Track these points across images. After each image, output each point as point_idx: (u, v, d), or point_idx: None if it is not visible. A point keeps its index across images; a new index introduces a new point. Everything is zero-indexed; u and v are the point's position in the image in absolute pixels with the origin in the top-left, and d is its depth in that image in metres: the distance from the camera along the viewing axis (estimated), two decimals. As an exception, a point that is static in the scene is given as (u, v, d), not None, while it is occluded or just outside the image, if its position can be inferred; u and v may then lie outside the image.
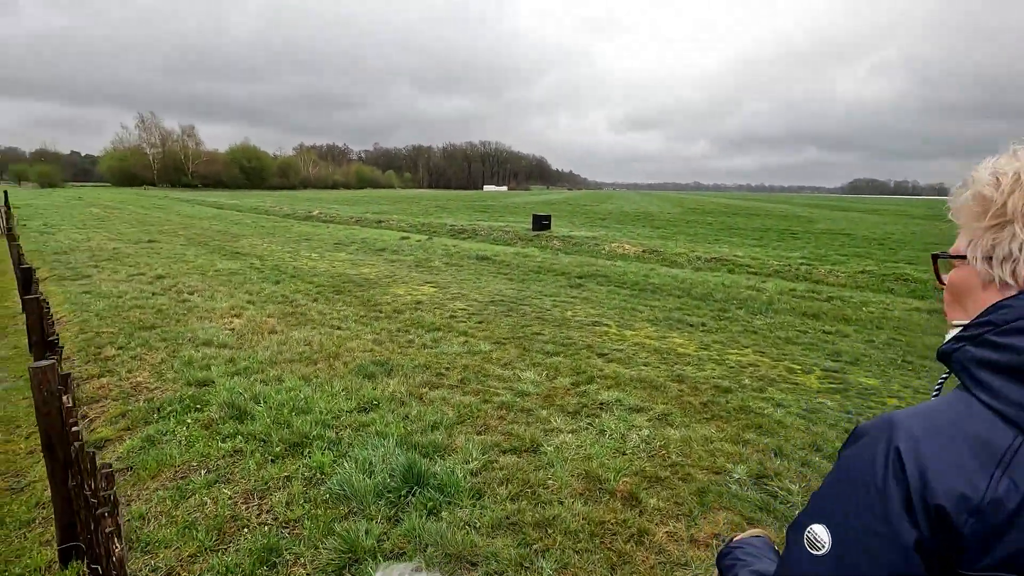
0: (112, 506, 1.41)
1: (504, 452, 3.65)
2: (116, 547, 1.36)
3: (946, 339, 0.77)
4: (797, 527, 0.74)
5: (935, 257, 0.84)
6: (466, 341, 6.18)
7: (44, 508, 3.05)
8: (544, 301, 8.48)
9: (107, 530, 1.31)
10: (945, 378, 0.81)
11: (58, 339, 3.08)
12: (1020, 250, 0.68)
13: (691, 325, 7.19)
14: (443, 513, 2.87)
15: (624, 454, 3.66)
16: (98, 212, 27.73)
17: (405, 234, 19.54)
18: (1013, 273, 0.69)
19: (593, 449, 3.68)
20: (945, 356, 0.76)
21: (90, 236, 16.40)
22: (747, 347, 6.26)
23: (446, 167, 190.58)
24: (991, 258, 0.71)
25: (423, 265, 12.04)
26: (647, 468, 3.47)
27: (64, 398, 2.08)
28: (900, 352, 6.30)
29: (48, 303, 4.28)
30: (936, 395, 0.79)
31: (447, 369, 5.25)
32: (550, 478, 3.32)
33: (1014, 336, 0.66)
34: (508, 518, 2.89)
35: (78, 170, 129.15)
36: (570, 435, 3.91)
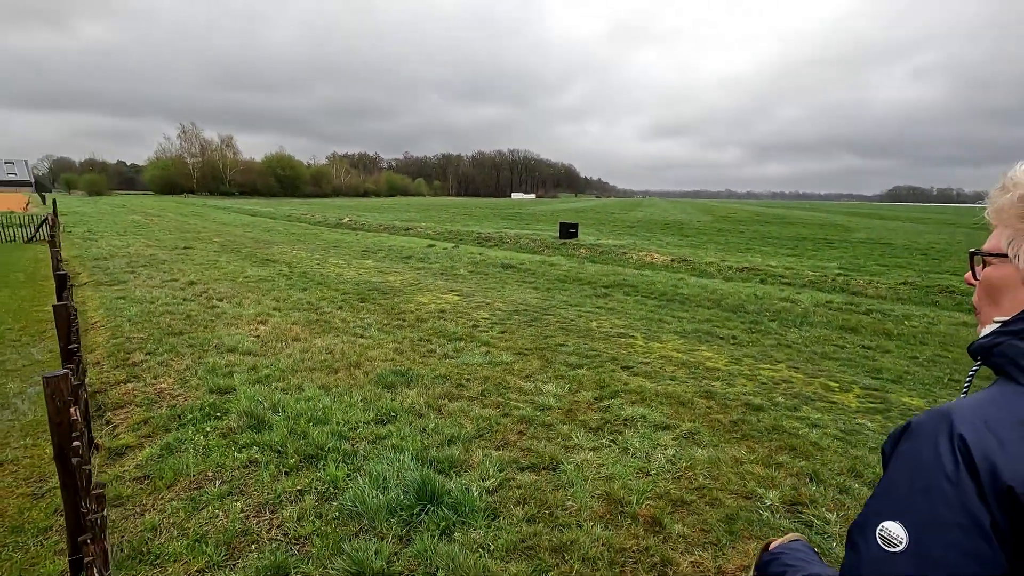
0: (99, 530, 1.35)
1: (522, 469, 3.52)
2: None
3: (982, 334, 0.80)
4: (863, 527, 0.72)
5: (972, 254, 0.85)
6: (488, 351, 6.09)
7: (61, 516, 3.06)
8: (569, 311, 8.33)
9: (86, 560, 1.25)
10: (975, 371, 0.83)
11: (78, 348, 3.10)
12: None
13: (721, 338, 6.94)
14: (456, 534, 2.77)
15: (648, 475, 3.49)
16: (139, 219, 28.73)
17: (432, 242, 19.63)
18: None
19: (615, 468, 3.53)
20: (985, 350, 0.78)
21: (130, 243, 16.95)
22: (780, 362, 5.99)
23: (475, 175, 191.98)
24: None
25: (448, 273, 12.02)
26: (672, 491, 3.30)
27: (72, 410, 2.05)
28: (947, 370, 5.94)
29: (76, 309, 4.35)
30: (967, 388, 0.83)
31: (467, 380, 5.16)
32: (569, 499, 3.18)
33: None
34: (524, 541, 2.76)
35: (124, 179, 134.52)
36: (591, 453, 3.76)
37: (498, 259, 14.36)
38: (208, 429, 3.94)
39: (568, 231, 20.76)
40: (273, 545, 2.70)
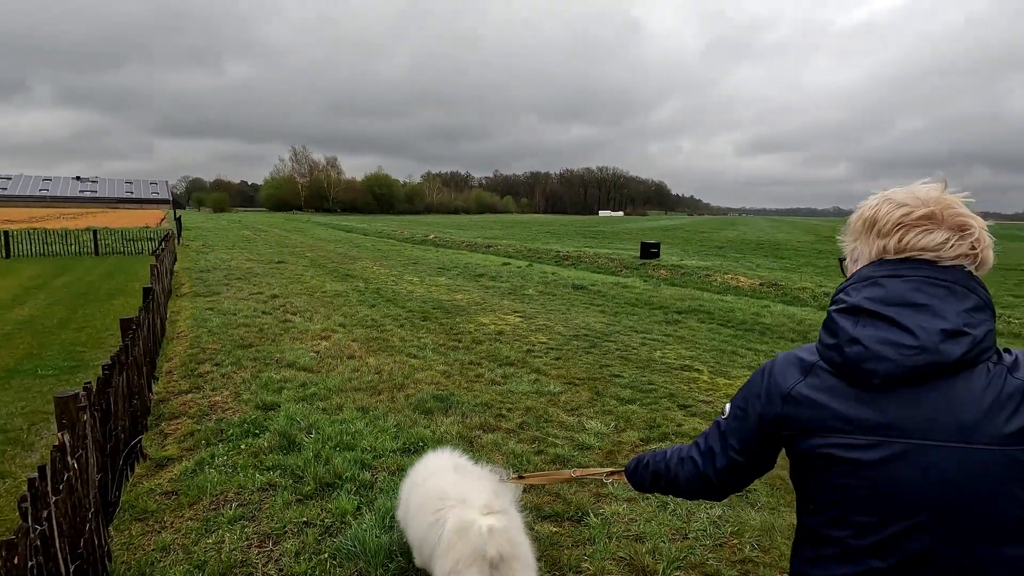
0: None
1: (544, 518, 3.23)
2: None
3: None
4: (724, 410, 1.24)
5: (840, 260, 1.20)
6: (537, 379, 5.83)
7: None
8: (633, 338, 7.86)
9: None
10: None
11: (110, 365, 3.25)
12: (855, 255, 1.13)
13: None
14: (450, 591, 2.53)
15: (685, 538, 3.07)
16: (248, 234, 31.48)
17: (507, 260, 19.69)
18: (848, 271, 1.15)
19: (648, 527, 3.14)
20: None
21: (234, 256, 18.51)
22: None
23: (563, 192, 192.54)
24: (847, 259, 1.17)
25: (516, 293, 11.90)
26: (710, 561, 2.86)
27: (61, 435, 2.08)
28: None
29: (165, 319, 4.65)
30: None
31: (509, 410, 4.94)
32: (586, 558, 2.85)
33: (832, 305, 1.09)
34: (523, 608, 2.47)
35: (244, 197, 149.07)
36: (625, 504, 3.39)
37: (570, 279, 14.05)
38: (243, 447, 4.02)
39: (649, 251, 20.01)
40: (265, 581, 2.62)
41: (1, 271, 15.48)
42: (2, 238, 20.40)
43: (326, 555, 2.79)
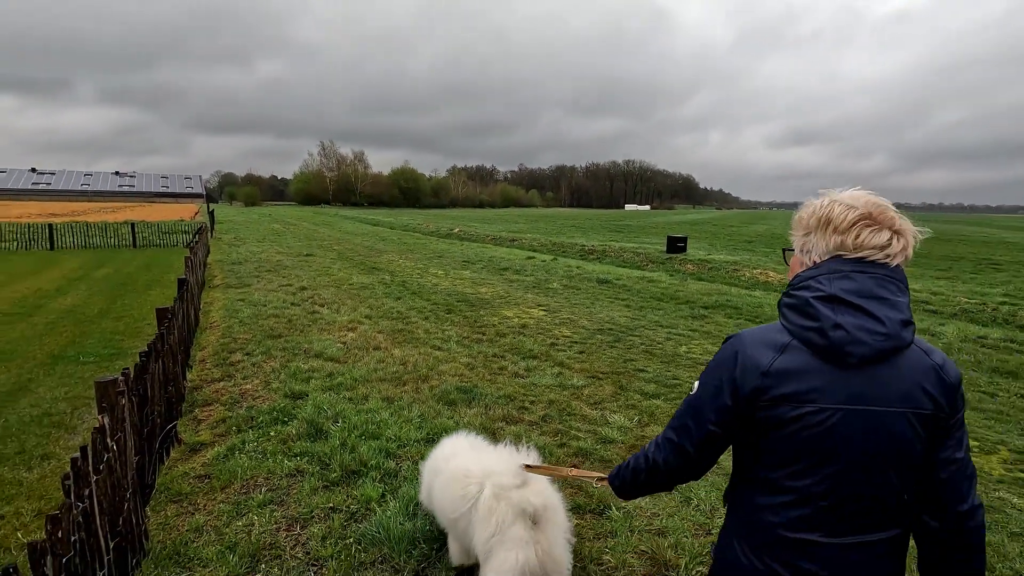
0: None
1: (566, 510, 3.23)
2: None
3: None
4: (693, 387, 1.33)
5: (784, 250, 1.39)
6: (560, 373, 5.83)
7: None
8: (658, 333, 7.79)
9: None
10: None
11: (147, 353, 3.37)
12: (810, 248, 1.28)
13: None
14: (471, 578, 2.57)
15: (708, 533, 3.04)
16: (278, 228, 32.13)
17: (532, 253, 19.66)
18: (804, 263, 1.29)
19: (670, 522, 3.12)
20: (778, 303, 1.31)
21: (264, 249, 18.92)
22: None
23: (588, 186, 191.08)
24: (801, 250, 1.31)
25: (540, 286, 11.89)
26: (733, 557, 2.83)
27: (101, 418, 2.17)
28: None
29: (199, 309, 4.80)
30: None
31: (531, 403, 4.95)
32: (607, 551, 2.85)
33: (796, 290, 1.24)
34: (543, 598, 2.49)
35: (275, 191, 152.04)
36: (648, 499, 3.37)
37: (595, 273, 13.97)
38: (272, 434, 4.13)
39: (676, 245, 19.74)
40: (293, 563, 2.69)
41: (46, 262, 16.14)
42: (47, 231, 21.25)
43: (351, 540, 2.86)
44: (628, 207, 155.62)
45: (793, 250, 1.33)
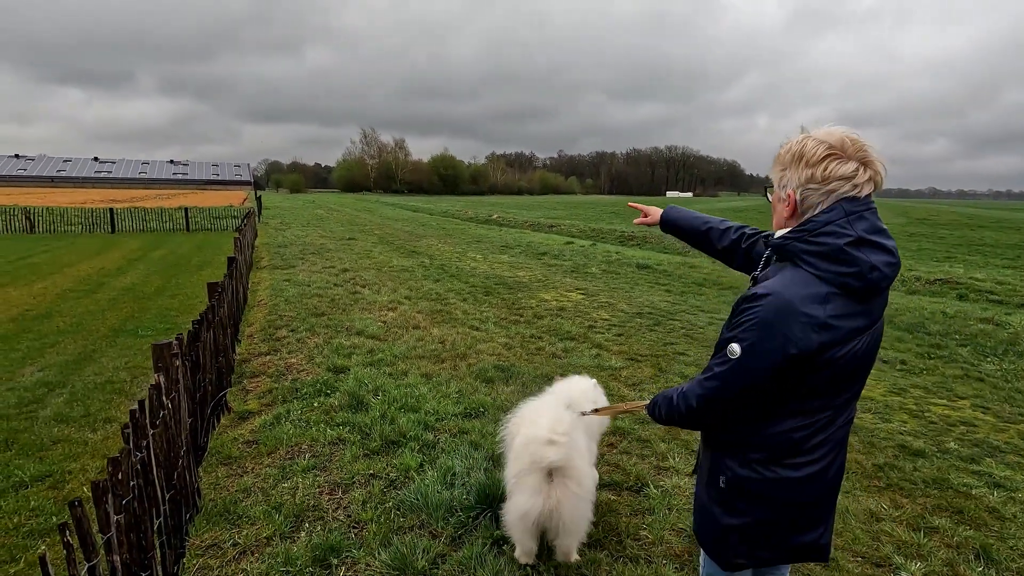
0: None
1: (603, 487, 3.21)
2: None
3: (777, 235, 1.40)
4: (720, 347, 1.37)
5: (765, 188, 1.50)
6: (598, 354, 5.78)
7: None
8: (699, 317, 7.62)
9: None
10: (767, 257, 1.48)
11: (199, 322, 3.51)
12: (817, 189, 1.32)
13: (884, 361, 5.79)
14: (507, 546, 2.59)
15: (749, 515, 2.97)
16: (321, 213, 32.93)
17: (571, 239, 19.51)
18: (802, 202, 1.34)
19: (710, 501, 3.06)
20: (779, 247, 1.38)
21: (308, 233, 19.43)
22: (963, 399, 4.80)
23: (628, 173, 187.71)
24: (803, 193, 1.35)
25: (579, 271, 11.80)
26: (776, 539, 2.75)
27: (157, 376, 2.28)
28: None
29: (247, 287, 4.98)
30: (761, 266, 1.50)
31: (569, 382, 4.92)
32: (645, 528, 2.82)
33: (820, 236, 1.27)
34: (579, 569, 2.49)
35: (319, 178, 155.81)
36: (687, 479, 3.32)
37: (634, 258, 13.76)
38: (315, 404, 4.25)
39: (718, 231, 19.19)
40: (334, 524, 2.78)
41: (108, 245, 17.06)
42: (109, 216, 22.41)
43: (390, 504, 2.92)
44: (669, 194, 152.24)
45: (770, 187, 1.45)
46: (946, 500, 3.14)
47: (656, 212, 2.01)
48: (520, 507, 2.29)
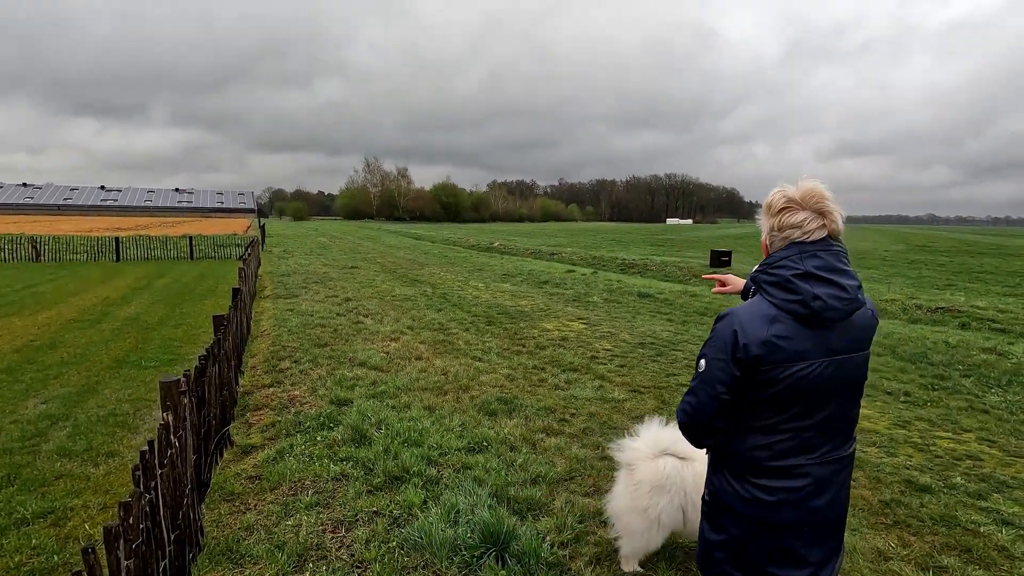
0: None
1: (605, 523, 3.19)
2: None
3: (752, 271, 1.60)
4: (697, 361, 1.59)
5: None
6: (601, 386, 5.77)
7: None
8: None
9: None
10: (752, 290, 1.60)
11: (205, 357, 3.54)
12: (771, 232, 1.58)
13: (888, 393, 5.77)
14: (512, 587, 2.57)
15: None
16: (324, 241, 33.18)
17: (572, 267, 19.61)
18: (770, 245, 1.59)
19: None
20: (752, 278, 1.59)
21: (311, 261, 19.57)
22: (968, 431, 4.78)
23: (628, 200, 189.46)
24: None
25: (580, 300, 11.84)
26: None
27: (165, 415, 2.30)
28: None
29: (251, 317, 5.02)
30: (748, 298, 1.62)
31: (572, 415, 4.93)
32: (649, 568, 2.79)
33: (775, 269, 1.50)
34: (585, 610, 2.47)
35: (322, 206, 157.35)
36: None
37: (635, 287, 13.81)
38: (319, 438, 4.25)
39: (720, 259, 19.34)
40: (338, 564, 2.75)
41: (112, 273, 17.17)
42: (114, 244, 22.61)
43: (394, 544, 2.90)
44: (669, 221, 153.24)
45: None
46: (954, 538, 3.11)
47: (737, 281, 2.03)
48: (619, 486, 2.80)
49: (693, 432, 1.61)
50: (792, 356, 1.43)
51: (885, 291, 13.58)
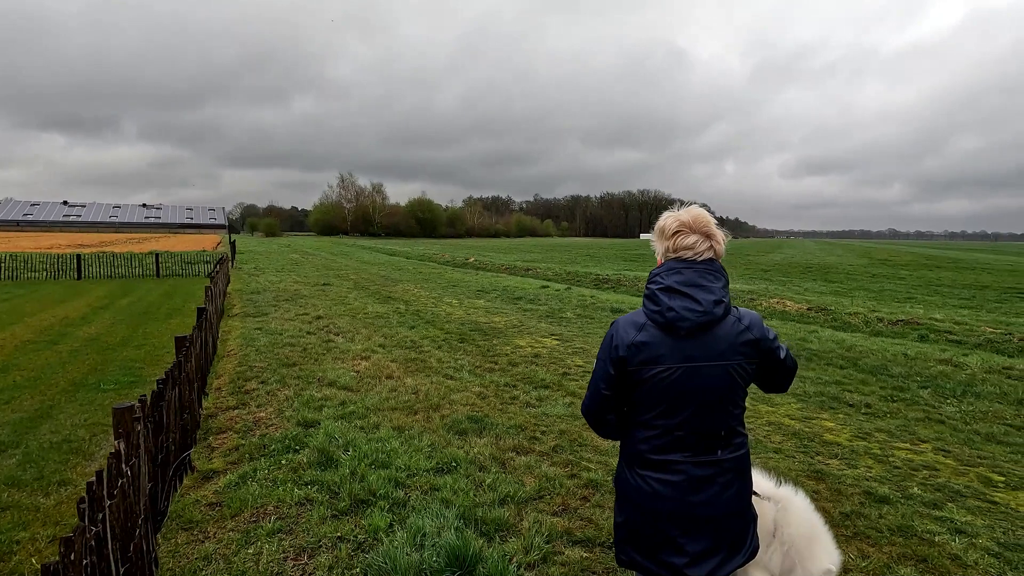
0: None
1: (574, 543, 3.19)
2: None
3: None
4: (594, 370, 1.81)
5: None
6: (572, 403, 5.79)
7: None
8: (671, 363, 7.71)
9: None
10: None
11: (164, 380, 3.45)
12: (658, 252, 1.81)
13: (850, 405, 5.93)
14: (477, 612, 2.54)
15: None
16: (297, 258, 32.70)
17: (546, 283, 19.71)
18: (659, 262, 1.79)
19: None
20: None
21: (283, 279, 19.24)
22: (925, 442, 4.93)
23: (603, 216, 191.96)
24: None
25: (554, 316, 11.89)
26: (747, 595, 2.75)
27: (117, 443, 2.23)
28: None
29: (216, 337, 4.90)
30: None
31: (543, 433, 4.92)
32: (617, 587, 2.79)
33: (649, 284, 1.73)
34: (550, 633, 2.45)
35: (294, 222, 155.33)
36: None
37: (609, 303, 13.94)
38: (283, 462, 4.15)
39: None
40: (299, 594, 2.69)
41: (73, 292, 16.60)
42: (75, 261, 21.90)
43: (358, 570, 2.85)
44: (643, 236, 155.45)
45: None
46: (911, 548, 3.19)
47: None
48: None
49: (590, 423, 1.83)
50: (651, 359, 1.63)
51: (849, 305, 13.98)
